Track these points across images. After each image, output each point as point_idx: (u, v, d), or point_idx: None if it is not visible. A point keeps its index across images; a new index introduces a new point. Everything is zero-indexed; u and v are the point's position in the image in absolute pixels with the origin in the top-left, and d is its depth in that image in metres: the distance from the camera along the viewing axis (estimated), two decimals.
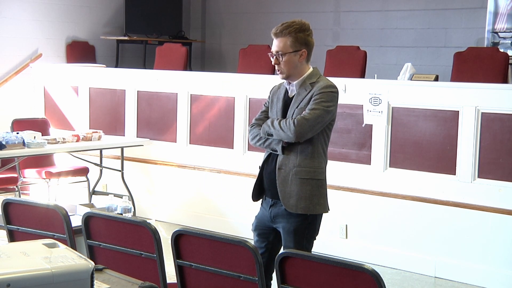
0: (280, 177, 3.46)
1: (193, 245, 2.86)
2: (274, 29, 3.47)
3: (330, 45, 8.05)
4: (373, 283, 2.34)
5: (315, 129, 3.40)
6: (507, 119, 5.04)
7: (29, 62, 7.85)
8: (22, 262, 1.89)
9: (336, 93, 3.48)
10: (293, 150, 3.45)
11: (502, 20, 7.41)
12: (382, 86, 5.54)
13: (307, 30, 3.48)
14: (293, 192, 3.44)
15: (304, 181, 3.45)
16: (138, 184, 6.92)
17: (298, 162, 3.45)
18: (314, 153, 3.47)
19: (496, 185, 5.07)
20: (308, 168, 3.46)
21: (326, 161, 3.57)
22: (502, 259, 5.08)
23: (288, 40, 3.43)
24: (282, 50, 3.44)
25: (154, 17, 9.08)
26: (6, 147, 5.49)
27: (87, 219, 3.11)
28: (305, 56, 3.47)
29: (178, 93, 6.67)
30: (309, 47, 3.49)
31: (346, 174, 5.71)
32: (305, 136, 3.40)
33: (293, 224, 3.47)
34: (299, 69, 3.48)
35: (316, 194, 3.48)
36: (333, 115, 3.48)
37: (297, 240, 3.47)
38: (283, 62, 3.45)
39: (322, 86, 3.44)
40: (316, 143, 3.47)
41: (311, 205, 3.46)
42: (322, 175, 3.53)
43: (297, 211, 3.45)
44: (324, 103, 3.40)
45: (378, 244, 5.59)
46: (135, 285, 2.22)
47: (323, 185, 3.54)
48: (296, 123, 3.37)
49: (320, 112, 3.38)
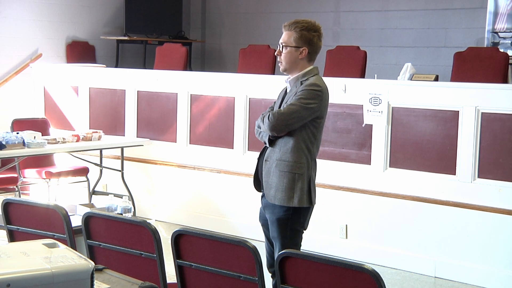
0: (265, 168, 3.65)
1: (193, 245, 2.86)
2: (286, 23, 3.64)
3: (330, 45, 8.05)
4: (373, 283, 2.34)
5: (290, 123, 3.53)
6: (507, 119, 5.04)
7: (29, 62, 7.84)
8: (22, 262, 1.88)
9: (320, 91, 3.58)
10: (277, 143, 3.61)
11: (502, 20, 7.41)
12: (382, 86, 5.54)
13: (314, 31, 3.61)
14: (273, 183, 3.61)
15: (283, 173, 3.58)
16: (138, 184, 6.92)
17: (279, 155, 3.60)
18: (294, 148, 3.58)
19: (496, 185, 5.07)
20: (287, 162, 3.58)
21: (311, 157, 3.64)
22: (502, 259, 5.08)
23: (293, 34, 3.60)
24: (285, 43, 3.62)
25: (154, 17, 9.08)
26: (6, 147, 5.49)
27: (87, 219, 3.11)
28: (306, 55, 3.60)
29: (178, 93, 6.67)
30: (312, 47, 3.61)
31: (346, 174, 5.71)
32: (280, 130, 3.55)
33: (276, 215, 3.63)
34: (299, 66, 3.62)
35: (292, 187, 3.58)
36: (316, 112, 3.58)
37: (280, 230, 3.62)
38: (283, 54, 3.62)
39: (307, 84, 3.58)
40: (297, 138, 3.58)
41: (286, 198, 3.58)
42: (302, 170, 3.60)
43: (274, 202, 3.61)
44: (303, 99, 3.53)
45: (378, 244, 5.59)
46: (135, 285, 2.22)
47: (303, 179, 3.61)
48: (270, 116, 3.54)
49: (297, 108, 3.52)
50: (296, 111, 3.51)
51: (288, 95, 3.65)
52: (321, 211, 5.82)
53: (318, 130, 3.65)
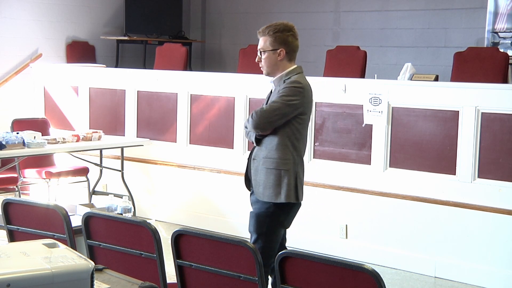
0: (254, 167, 3.72)
1: (193, 245, 2.86)
2: (259, 29, 3.75)
3: (330, 45, 8.06)
4: (373, 283, 2.34)
5: (273, 120, 3.60)
6: (507, 119, 5.04)
7: (29, 62, 7.84)
8: (22, 262, 1.88)
9: (301, 88, 3.63)
10: (264, 142, 3.68)
11: (502, 20, 7.41)
12: (382, 86, 5.54)
13: (288, 31, 3.70)
14: (261, 181, 3.67)
15: (269, 170, 3.65)
16: (138, 184, 6.92)
17: (266, 153, 3.66)
18: (279, 145, 3.64)
19: (496, 185, 5.07)
20: (273, 159, 3.64)
21: (297, 153, 3.70)
22: (502, 259, 5.08)
23: (268, 39, 3.70)
24: (262, 48, 3.73)
25: (154, 17, 9.08)
26: (6, 147, 5.49)
27: (87, 219, 3.11)
28: (284, 55, 3.68)
29: (178, 93, 6.67)
30: (288, 46, 3.69)
31: (346, 174, 5.71)
32: (264, 127, 3.62)
33: (257, 210, 3.71)
34: (280, 67, 3.70)
35: (279, 183, 3.64)
36: (299, 109, 3.63)
37: (257, 225, 3.68)
38: (263, 59, 3.73)
39: (290, 81, 3.65)
40: (282, 136, 3.64)
41: (274, 194, 3.64)
42: (287, 166, 3.66)
43: (263, 199, 3.68)
44: (285, 97, 3.60)
45: (378, 244, 5.59)
46: (135, 285, 2.21)
47: (289, 175, 3.66)
48: (253, 115, 3.63)
49: (279, 105, 3.59)
50: (278, 108, 3.58)
51: (272, 94, 3.73)
52: (321, 211, 5.83)
53: (303, 127, 3.71)
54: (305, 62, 8.65)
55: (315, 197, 5.83)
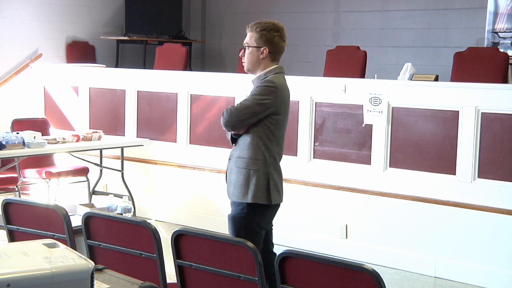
0: (229, 166, 3.74)
1: (193, 245, 2.86)
2: (249, 24, 3.71)
3: (330, 45, 8.05)
4: (373, 283, 2.34)
5: (244, 119, 3.59)
6: (507, 119, 5.04)
7: (29, 62, 7.84)
8: (22, 262, 1.88)
9: (274, 87, 3.60)
10: (238, 141, 3.69)
11: (502, 20, 7.41)
12: (382, 86, 5.54)
13: (275, 31, 3.66)
14: (232, 180, 3.70)
15: (240, 170, 3.65)
16: (138, 184, 6.92)
17: (238, 152, 3.68)
18: (251, 145, 3.63)
19: (496, 185, 5.07)
20: (244, 158, 3.65)
21: (269, 154, 3.66)
22: (502, 259, 5.08)
23: (254, 35, 3.66)
24: (247, 43, 3.69)
25: (154, 17, 9.08)
26: (6, 147, 5.49)
27: (87, 219, 3.11)
28: (267, 54, 3.65)
29: (178, 93, 6.67)
30: (273, 46, 3.65)
31: (346, 174, 5.71)
32: (234, 125, 3.62)
33: (232, 212, 3.70)
34: (261, 66, 3.67)
35: (247, 183, 3.63)
36: (270, 108, 3.59)
37: (234, 228, 3.66)
38: (246, 54, 3.69)
39: (264, 81, 3.63)
40: (254, 135, 3.63)
41: (241, 194, 3.63)
42: (257, 166, 3.63)
43: (232, 198, 3.70)
44: (257, 96, 3.59)
45: (378, 244, 5.59)
46: (135, 285, 2.21)
47: (259, 175, 3.63)
48: (224, 113, 3.62)
49: (249, 103, 3.58)
50: (249, 106, 3.57)
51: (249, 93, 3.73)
52: (321, 211, 5.83)
53: (276, 127, 3.65)
54: (305, 62, 8.67)
55: (315, 197, 5.83)
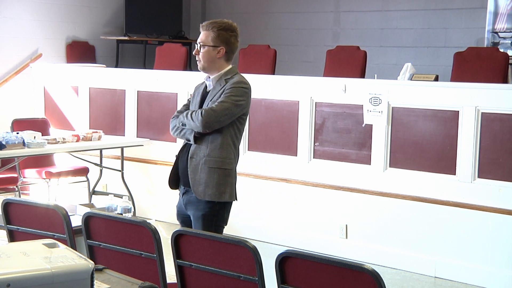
0: (192, 165, 3.69)
1: (193, 245, 2.86)
2: (203, 23, 3.72)
3: (330, 45, 8.05)
4: (373, 283, 2.33)
5: (222, 120, 3.61)
6: (507, 119, 5.04)
7: (29, 62, 7.85)
8: (22, 262, 1.88)
9: (247, 89, 3.69)
10: (204, 140, 3.67)
11: (502, 20, 7.41)
12: (382, 86, 5.54)
13: (232, 31, 3.71)
14: (202, 180, 3.65)
15: (212, 170, 3.65)
16: (138, 184, 6.92)
17: (208, 152, 3.66)
18: (223, 144, 3.66)
19: (496, 185, 5.07)
20: (216, 158, 3.66)
21: (237, 153, 3.75)
22: (502, 259, 5.08)
23: (210, 34, 3.68)
24: (203, 42, 3.69)
25: (154, 17, 9.08)
26: (6, 147, 5.49)
27: (87, 219, 3.11)
28: (223, 54, 3.68)
29: (178, 93, 6.67)
30: (229, 46, 3.70)
31: (346, 174, 5.71)
32: (212, 127, 3.61)
33: (202, 211, 3.70)
34: (217, 65, 3.70)
35: (223, 182, 3.67)
36: (244, 109, 3.69)
37: (205, 226, 3.68)
38: (201, 53, 3.69)
39: (235, 81, 3.66)
40: (225, 135, 3.67)
41: (217, 193, 3.66)
42: (230, 165, 3.70)
43: (205, 197, 3.67)
44: (234, 97, 3.62)
45: (378, 244, 5.59)
46: (135, 285, 2.22)
47: (231, 174, 3.72)
48: (203, 113, 3.59)
49: (228, 105, 3.60)
50: (228, 108, 3.60)
51: (211, 93, 3.70)
52: (321, 211, 5.83)
53: (242, 127, 3.76)
54: (305, 62, 8.67)
55: (315, 197, 5.83)
